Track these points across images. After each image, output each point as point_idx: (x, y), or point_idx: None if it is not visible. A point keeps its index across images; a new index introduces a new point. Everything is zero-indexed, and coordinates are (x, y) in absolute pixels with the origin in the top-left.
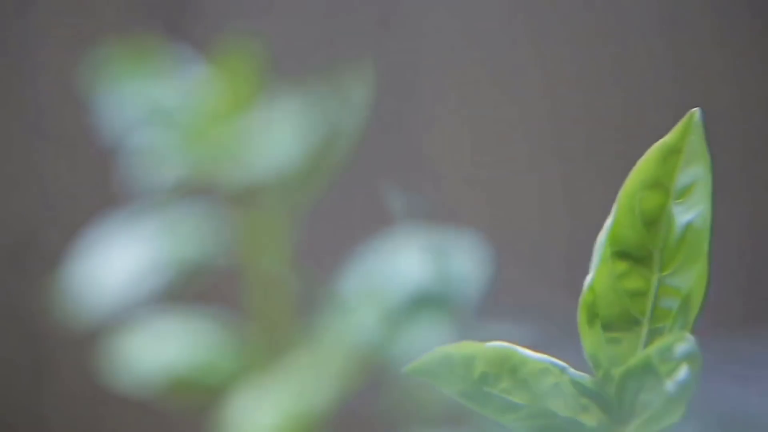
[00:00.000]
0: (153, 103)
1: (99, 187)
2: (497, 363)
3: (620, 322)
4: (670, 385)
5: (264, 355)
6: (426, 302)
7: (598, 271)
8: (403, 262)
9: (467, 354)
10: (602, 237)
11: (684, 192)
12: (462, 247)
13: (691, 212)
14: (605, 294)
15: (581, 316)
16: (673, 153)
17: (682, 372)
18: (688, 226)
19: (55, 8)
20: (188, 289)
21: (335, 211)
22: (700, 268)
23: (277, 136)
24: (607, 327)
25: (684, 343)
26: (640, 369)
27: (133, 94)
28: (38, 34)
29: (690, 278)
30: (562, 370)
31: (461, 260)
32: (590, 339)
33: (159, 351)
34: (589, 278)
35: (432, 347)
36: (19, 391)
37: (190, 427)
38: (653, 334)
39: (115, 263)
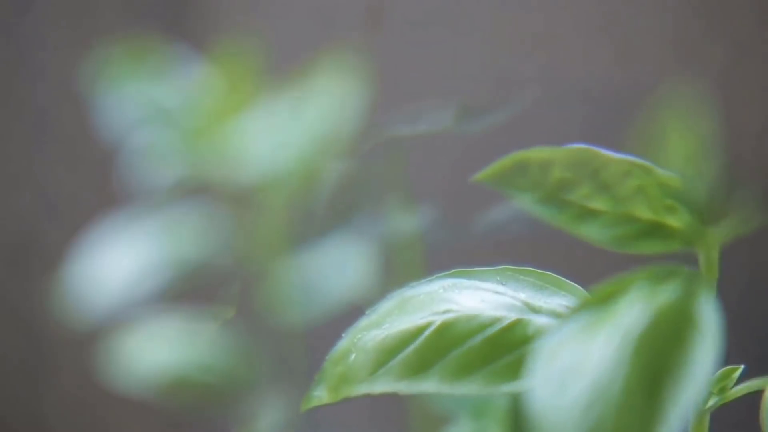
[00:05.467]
0: (153, 103)
1: (99, 187)
2: (577, 166)
3: None
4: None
5: (264, 356)
6: None
7: None
8: None
9: (544, 158)
10: None
11: None
12: None
13: None
14: None
15: None
16: None
17: None
18: None
19: (55, 8)
20: (188, 289)
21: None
22: None
23: (275, 136)
24: None
25: None
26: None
27: (133, 94)
28: (38, 34)
29: None
30: (649, 170)
31: None
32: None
33: (159, 351)
34: None
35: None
36: (19, 391)
37: (190, 427)
38: None
39: (115, 263)
